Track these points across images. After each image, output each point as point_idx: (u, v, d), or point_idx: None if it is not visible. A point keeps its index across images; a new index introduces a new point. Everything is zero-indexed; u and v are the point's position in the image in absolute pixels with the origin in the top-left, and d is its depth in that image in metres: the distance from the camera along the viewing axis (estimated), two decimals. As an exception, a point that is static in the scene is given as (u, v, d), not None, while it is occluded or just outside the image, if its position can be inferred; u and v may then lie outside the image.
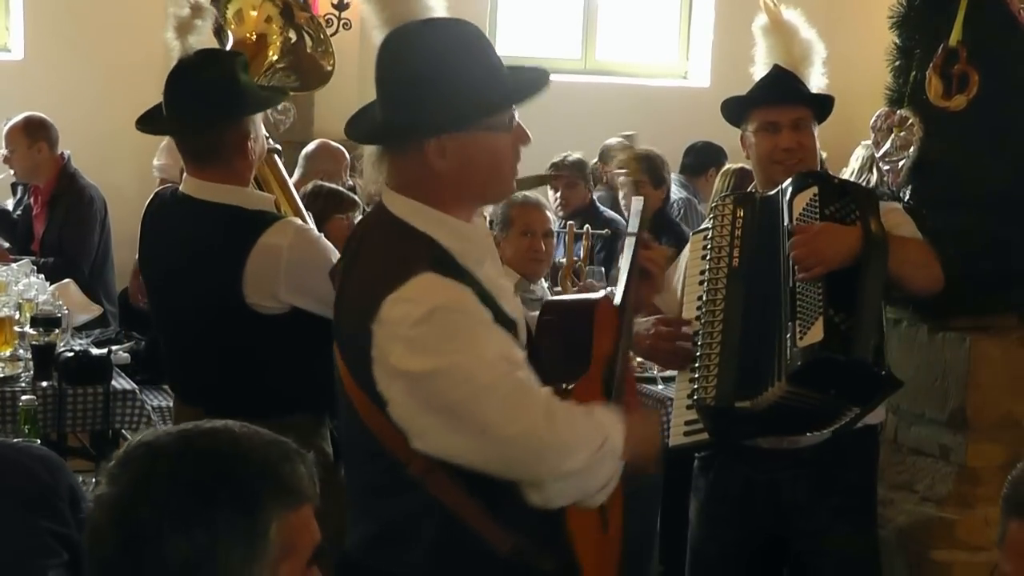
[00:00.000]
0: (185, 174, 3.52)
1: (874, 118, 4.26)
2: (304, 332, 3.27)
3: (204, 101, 3.43)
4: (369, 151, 2.62)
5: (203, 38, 3.72)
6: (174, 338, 3.62)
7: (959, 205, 3.66)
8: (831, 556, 3.51)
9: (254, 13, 4.10)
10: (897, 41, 4.29)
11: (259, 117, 3.53)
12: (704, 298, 3.39)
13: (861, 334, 3.13)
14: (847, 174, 8.41)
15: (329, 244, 3.41)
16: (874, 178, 4.97)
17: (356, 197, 5.40)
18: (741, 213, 3.45)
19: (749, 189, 3.77)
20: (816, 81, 3.76)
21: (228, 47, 4.00)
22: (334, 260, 3.17)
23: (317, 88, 4.36)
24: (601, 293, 3.06)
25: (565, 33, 10.08)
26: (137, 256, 3.69)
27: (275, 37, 4.08)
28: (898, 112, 4.14)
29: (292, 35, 4.09)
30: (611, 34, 10.26)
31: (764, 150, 3.58)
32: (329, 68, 4.18)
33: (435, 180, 2.49)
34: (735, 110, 3.73)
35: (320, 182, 5.54)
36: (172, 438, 1.70)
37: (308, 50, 4.13)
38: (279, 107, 8.24)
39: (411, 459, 2.39)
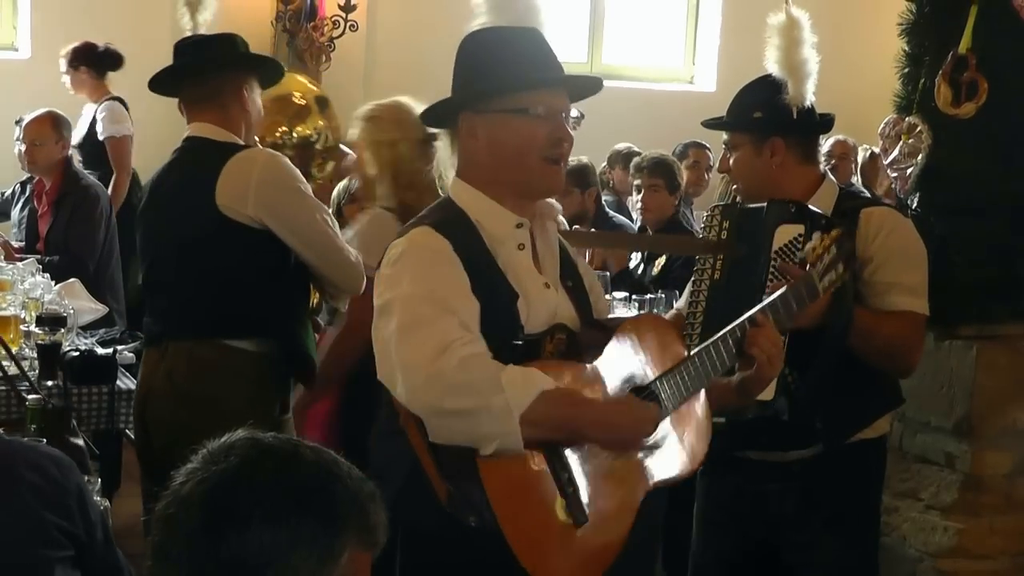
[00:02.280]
0: (190, 124, 3.88)
1: (882, 125, 4.27)
2: (270, 253, 3.64)
3: (206, 50, 3.89)
4: (442, 139, 2.82)
5: (209, 16, 4.08)
6: (153, 268, 3.92)
7: (967, 213, 3.66)
8: (820, 569, 3.48)
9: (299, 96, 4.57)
10: (906, 48, 4.30)
11: (258, 92, 3.90)
12: (687, 309, 3.43)
13: (809, 398, 3.23)
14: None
15: (300, 174, 3.74)
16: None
17: None
18: (727, 225, 3.44)
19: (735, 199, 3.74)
20: (798, 92, 3.57)
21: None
22: (306, 187, 3.71)
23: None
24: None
25: (572, 37, 10.09)
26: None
27: (315, 117, 4.47)
28: (907, 119, 4.15)
29: (314, 133, 4.53)
30: (618, 38, 10.27)
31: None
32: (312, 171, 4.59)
33: (474, 162, 2.72)
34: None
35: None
36: (280, 441, 1.72)
37: (316, 147, 4.54)
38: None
39: (400, 407, 2.56)
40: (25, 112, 6.84)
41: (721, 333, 2.83)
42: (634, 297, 5.37)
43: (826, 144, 8.44)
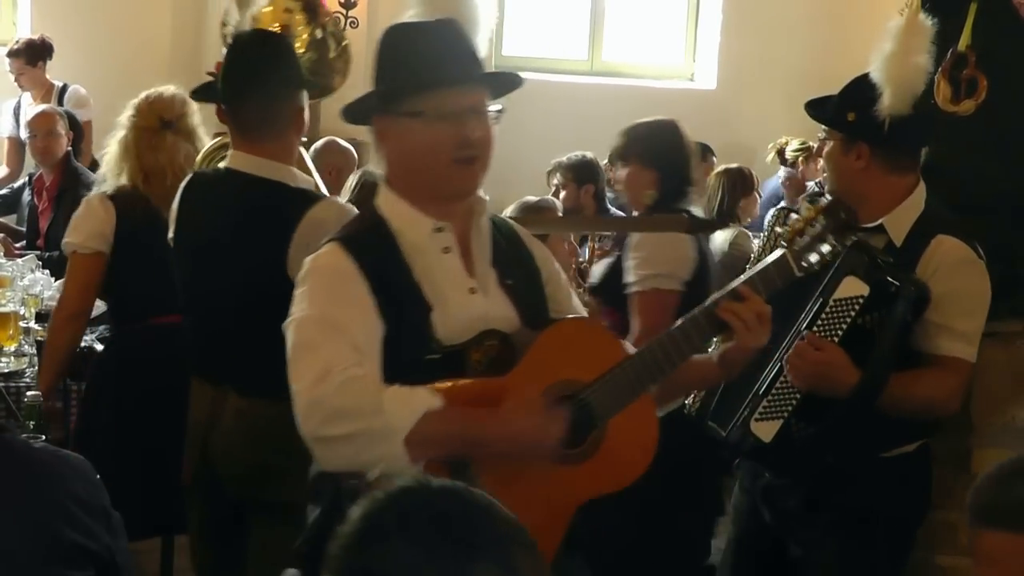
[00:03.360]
0: (232, 150, 3.57)
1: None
2: None
3: (264, 73, 3.49)
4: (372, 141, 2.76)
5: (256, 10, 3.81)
6: (206, 316, 3.62)
7: (966, 210, 3.64)
8: (822, 570, 3.48)
9: (268, 9, 4.11)
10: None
11: (306, 97, 3.60)
12: None
13: (809, 449, 3.26)
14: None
15: None
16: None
17: None
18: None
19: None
20: (895, 103, 3.49)
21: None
22: None
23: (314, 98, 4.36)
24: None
25: (572, 34, 10.09)
26: (171, 236, 3.68)
27: (300, 29, 4.10)
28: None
29: (319, 32, 4.13)
30: (618, 35, 10.26)
31: None
32: (334, 86, 4.24)
33: (390, 166, 2.69)
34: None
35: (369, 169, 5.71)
36: (445, 481, 1.73)
37: (330, 55, 4.19)
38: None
39: None
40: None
41: (673, 327, 2.76)
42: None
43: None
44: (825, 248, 2.89)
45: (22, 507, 2.38)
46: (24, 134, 7.17)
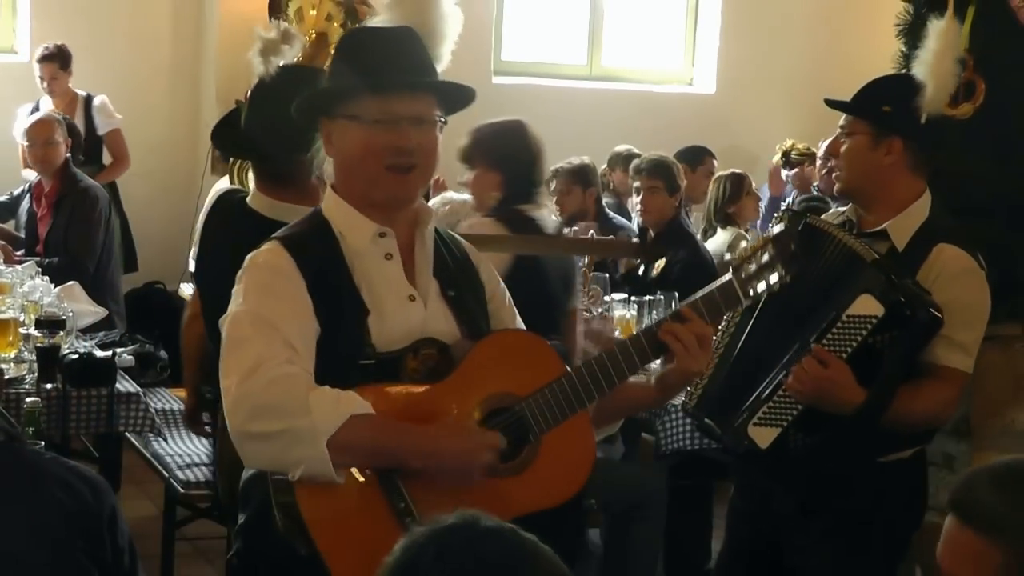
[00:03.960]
0: (254, 190, 3.53)
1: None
2: None
3: (284, 131, 3.26)
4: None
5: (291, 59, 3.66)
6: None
7: (964, 213, 3.65)
8: (816, 574, 3.46)
9: (313, 12, 4.08)
10: (903, 49, 4.29)
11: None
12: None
13: (805, 457, 3.26)
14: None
15: None
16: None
17: None
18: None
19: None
20: (932, 97, 3.46)
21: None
22: None
23: None
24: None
25: (571, 39, 10.09)
26: (194, 258, 3.64)
27: (336, 36, 4.06)
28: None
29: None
30: (617, 40, 10.27)
31: None
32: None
33: (335, 168, 2.66)
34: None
35: None
36: (491, 520, 1.71)
37: None
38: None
39: None
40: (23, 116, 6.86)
41: (616, 344, 2.73)
42: (633, 298, 5.37)
43: (822, 147, 8.46)
44: (773, 278, 2.80)
45: (30, 516, 2.38)
46: (25, 141, 7.19)
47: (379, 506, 2.48)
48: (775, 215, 3.58)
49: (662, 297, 5.22)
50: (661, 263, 5.93)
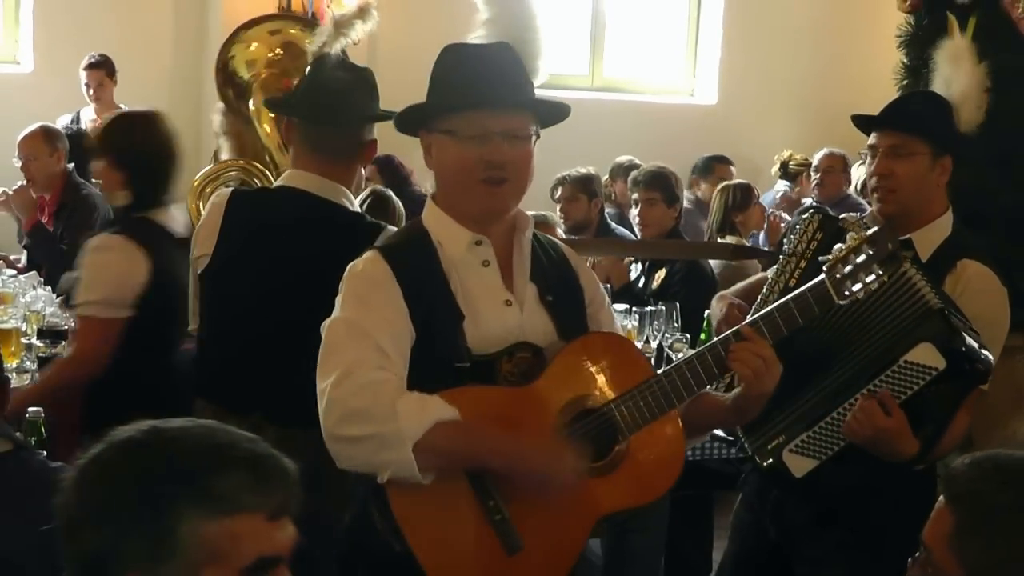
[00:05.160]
0: (293, 170, 3.51)
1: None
2: None
3: (349, 101, 3.47)
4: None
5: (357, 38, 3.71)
6: (254, 345, 3.46)
7: (966, 224, 3.65)
8: None
9: (255, 46, 4.09)
10: (905, 60, 4.31)
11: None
12: (756, 307, 3.31)
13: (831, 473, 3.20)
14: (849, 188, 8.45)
15: None
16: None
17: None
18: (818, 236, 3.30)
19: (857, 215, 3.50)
20: (968, 118, 3.51)
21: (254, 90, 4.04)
22: None
23: None
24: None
25: (573, 50, 10.11)
26: (208, 257, 3.50)
27: (303, 38, 4.06)
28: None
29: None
30: (619, 51, 10.29)
31: (866, 176, 3.42)
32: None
33: (435, 180, 2.73)
34: (863, 129, 3.48)
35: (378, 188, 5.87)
36: (132, 433, 1.73)
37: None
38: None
39: None
40: (26, 125, 6.86)
41: (698, 350, 2.75)
42: (635, 309, 5.37)
43: (817, 156, 8.49)
44: (870, 278, 2.78)
45: (37, 525, 2.38)
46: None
47: (469, 504, 2.56)
48: (802, 217, 3.50)
49: (663, 308, 5.22)
50: (661, 274, 5.91)
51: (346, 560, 2.77)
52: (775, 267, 3.39)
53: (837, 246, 2.83)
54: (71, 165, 6.70)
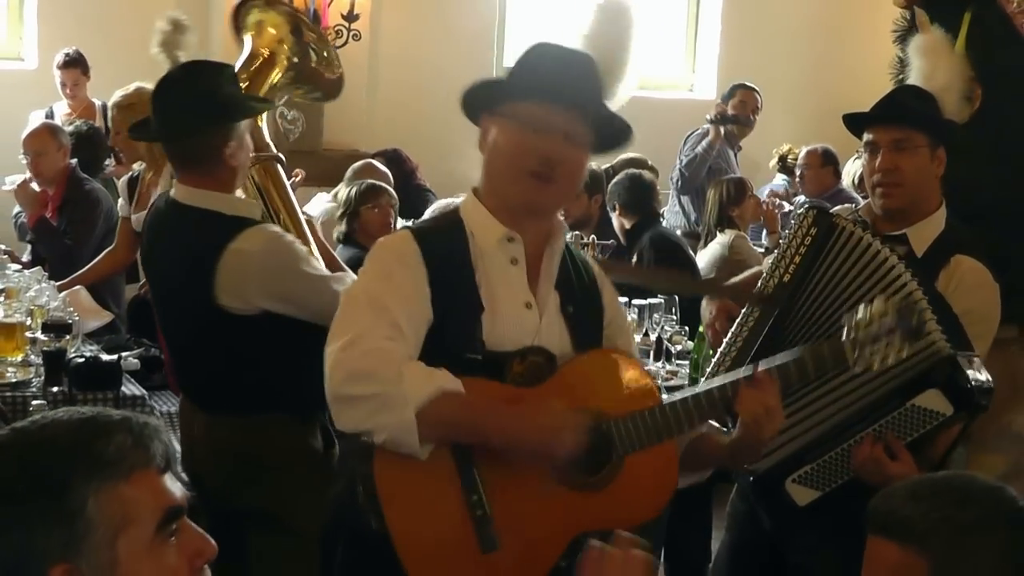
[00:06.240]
0: (176, 184, 3.61)
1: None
2: (278, 334, 3.42)
3: (185, 110, 3.50)
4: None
5: (191, 54, 3.76)
6: (169, 339, 3.85)
7: (961, 218, 3.66)
8: (822, 574, 3.43)
9: (272, 31, 4.11)
10: (900, 55, 4.30)
11: (244, 126, 3.58)
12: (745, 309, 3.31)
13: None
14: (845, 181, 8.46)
15: (302, 249, 3.50)
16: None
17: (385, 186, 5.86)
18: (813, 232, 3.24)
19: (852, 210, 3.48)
20: (952, 109, 3.52)
21: (243, 53, 4.04)
22: (308, 262, 3.45)
23: (335, 95, 4.34)
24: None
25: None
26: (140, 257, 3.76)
27: (283, 58, 4.12)
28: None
29: (296, 58, 4.12)
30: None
31: (866, 173, 3.39)
32: (335, 76, 4.20)
33: (484, 168, 2.70)
34: (853, 127, 3.45)
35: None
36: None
37: (312, 65, 4.16)
38: (288, 117, 8.30)
39: None
40: (30, 122, 6.87)
41: (707, 387, 2.74)
42: (634, 302, 5.36)
43: (802, 153, 8.50)
44: (891, 353, 2.74)
45: None
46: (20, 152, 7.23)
47: (454, 495, 2.54)
48: (797, 213, 3.48)
49: (663, 300, 5.23)
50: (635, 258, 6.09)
51: (328, 534, 2.78)
52: (770, 259, 3.39)
53: (862, 310, 2.76)
54: (74, 160, 6.71)
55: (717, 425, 2.96)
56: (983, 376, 3.02)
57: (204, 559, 1.75)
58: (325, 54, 4.17)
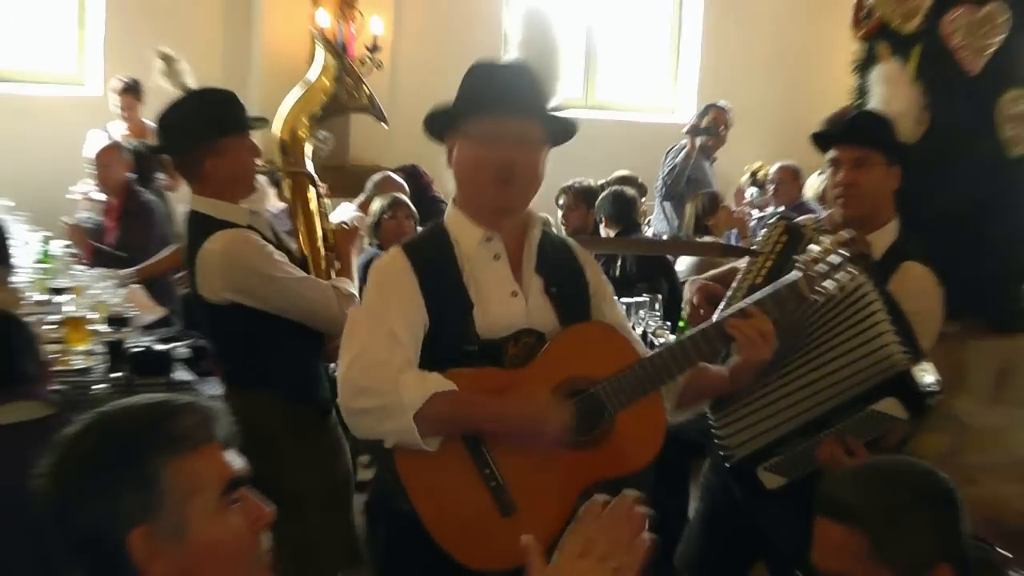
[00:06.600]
0: (193, 195, 3.70)
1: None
2: (250, 322, 3.46)
3: (171, 130, 3.62)
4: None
5: (188, 81, 3.81)
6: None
7: (909, 226, 3.69)
8: (791, 543, 3.38)
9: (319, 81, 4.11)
10: (860, 82, 4.33)
11: (232, 141, 3.60)
12: (722, 306, 3.31)
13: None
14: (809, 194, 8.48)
15: (266, 250, 3.48)
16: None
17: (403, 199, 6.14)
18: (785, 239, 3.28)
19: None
20: (906, 131, 3.52)
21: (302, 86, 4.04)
22: (271, 263, 3.43)
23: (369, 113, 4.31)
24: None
25: (568, 73, 10.12)
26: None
27: (322, 95, 4.14)
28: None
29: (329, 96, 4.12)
30: (609, 75, 10.31)
31: (829, 185, 3.43)
32: (364, 100, 4.19)
33: (455, 181, 2.72)
34: (820, 145, 3.48)
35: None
36: (79, 422, 1.77)
37: (342, 101, 4.16)
38: (320, 136, 8.30)
39: None
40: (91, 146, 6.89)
41: (686, 335, 2.75)
42: (620, 300, 5.37)
43: (774, 167, 8.51)
44: (843, 276, 2.78)
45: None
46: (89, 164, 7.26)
47: (468, 472, 2.59)
48: (768, 223, 3.48)
49: (647, 298, 5.25)
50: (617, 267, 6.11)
51: (371, 513, 2.83)
52: (747, 261, 3.42)
53: (812, 247, 2.82)
54: (132, 175, 6.74)
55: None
56: (932, 379, 3.02)
57: (263, 523, 1.80)
58: (355, 94, 4.20)
